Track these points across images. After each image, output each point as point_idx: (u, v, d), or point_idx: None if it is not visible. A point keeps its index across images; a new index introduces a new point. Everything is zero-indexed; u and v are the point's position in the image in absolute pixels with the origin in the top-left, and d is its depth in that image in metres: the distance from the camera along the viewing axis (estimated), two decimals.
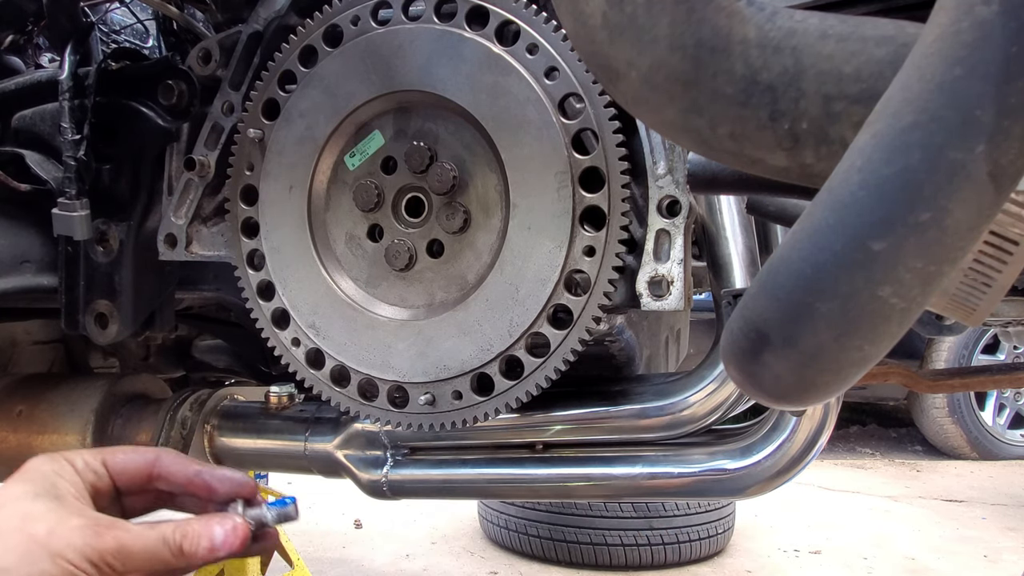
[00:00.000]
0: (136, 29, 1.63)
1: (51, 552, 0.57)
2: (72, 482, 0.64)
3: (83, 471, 0.65)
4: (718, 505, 2.82)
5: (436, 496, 1.12)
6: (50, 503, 0.60)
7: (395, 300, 0.88)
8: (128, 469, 0.68)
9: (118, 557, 0.60)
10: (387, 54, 0.84)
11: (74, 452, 0.67)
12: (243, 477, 0.71)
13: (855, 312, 0.39)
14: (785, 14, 0.46)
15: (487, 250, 0.83)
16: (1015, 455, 4.62)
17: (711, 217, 1.00)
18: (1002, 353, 4.50)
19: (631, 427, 0.98)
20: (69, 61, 1.06)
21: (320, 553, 2.90)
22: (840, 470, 4.40)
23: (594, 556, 2.71)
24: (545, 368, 0.82)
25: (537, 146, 0.79)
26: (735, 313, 0.45)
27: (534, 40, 0.80)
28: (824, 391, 0.43)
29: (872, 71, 0.43)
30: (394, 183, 0.86)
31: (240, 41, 0.97)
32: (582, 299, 0.80)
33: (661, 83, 0.48)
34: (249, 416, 1.24)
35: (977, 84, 0.35)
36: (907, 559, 2.97)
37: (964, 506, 3.70)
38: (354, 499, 3.09)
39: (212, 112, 0.98)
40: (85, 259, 1.10)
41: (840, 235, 0.38)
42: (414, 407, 0.86)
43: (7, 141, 1.16)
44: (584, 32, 0.52)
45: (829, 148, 0.44)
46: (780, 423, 0.96)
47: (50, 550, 0.57)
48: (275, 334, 0.91)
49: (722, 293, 0.98)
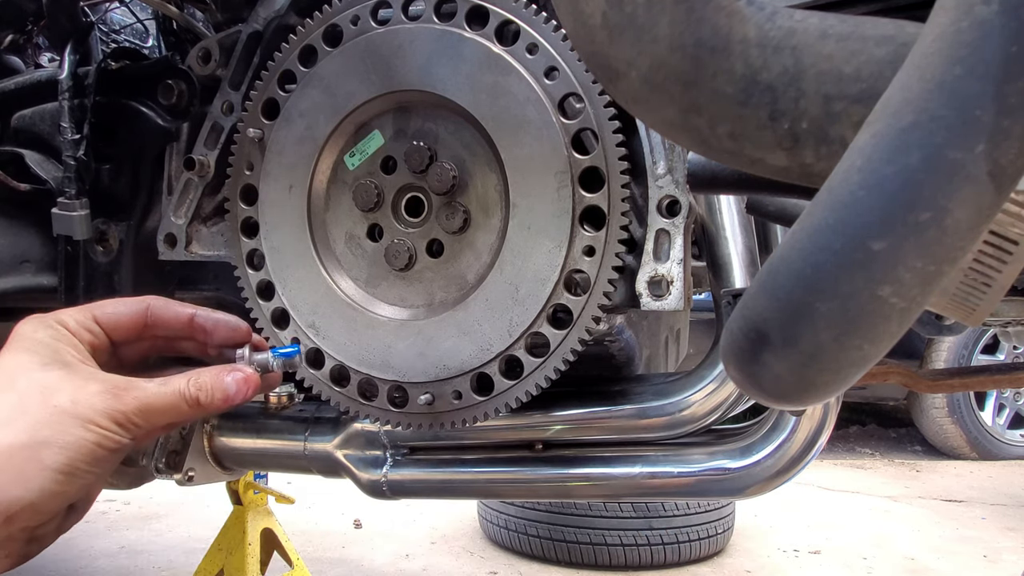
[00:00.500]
0: (136, 29, 1.63)
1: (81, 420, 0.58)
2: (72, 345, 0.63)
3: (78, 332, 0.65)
4: (718, 505, 2.82)
5: (436, 496, 1.12)
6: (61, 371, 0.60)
7: (395, 300, 0.88)
8: (121, 323, 0.67)
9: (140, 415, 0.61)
10: (387, 54, 0.84)
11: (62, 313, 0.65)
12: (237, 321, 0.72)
13: (855, 312, 0.39)
14: (785, 14, 0.46)
15: (487, 250, 0.83)
16: (1015, 455, 4.63)
17: (711, 217, 1.00)
18: (1002, 353, 4.51)
19: (631, 427, 0.98)
20: (69, 61, 1.07)
21: (320, 553, 2.90)
22: (840, 470, 4.40)
23: (594, 556, 2.71)
24: (545, 368, 0.82)
25: (537, 146, 0.79)
26: (735, 313, 0.45)
27: (534, 40, 0.80)
28: (824, 391, 0.43)
29: (872, 71, 0.43)
30: (394, 183, 0.86)
31: (240, 41, 0.97)
32: (582, 299, 0.80)
33: (661, 83, 0.48)
34: (248, 416, 1.24)
35: (977, 84, 0.35)
36: (907, 559, 2.97)
37: (964, 506, 3.70)
38: (354, 499, 3.10)
39: (212, 112, 0.98)
40: (85, 259, 1.10)
41: (840, 235, 0.38)
42: (414, 407, 0.86)
43: (7, 141, 1.16)
44: (584, 32, 0.52)
45: (829, 148, 0.44)
46: (780, 423, 0.96)
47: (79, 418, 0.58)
48: (275, 334, 0.91)
49: (722, 293, 0.98)
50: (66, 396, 0.59)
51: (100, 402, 0.60)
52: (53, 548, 2.55)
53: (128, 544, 2.99)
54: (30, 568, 2.71)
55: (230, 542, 2.17)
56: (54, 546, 2.40)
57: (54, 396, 0.59)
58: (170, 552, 2.91)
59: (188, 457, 1.22)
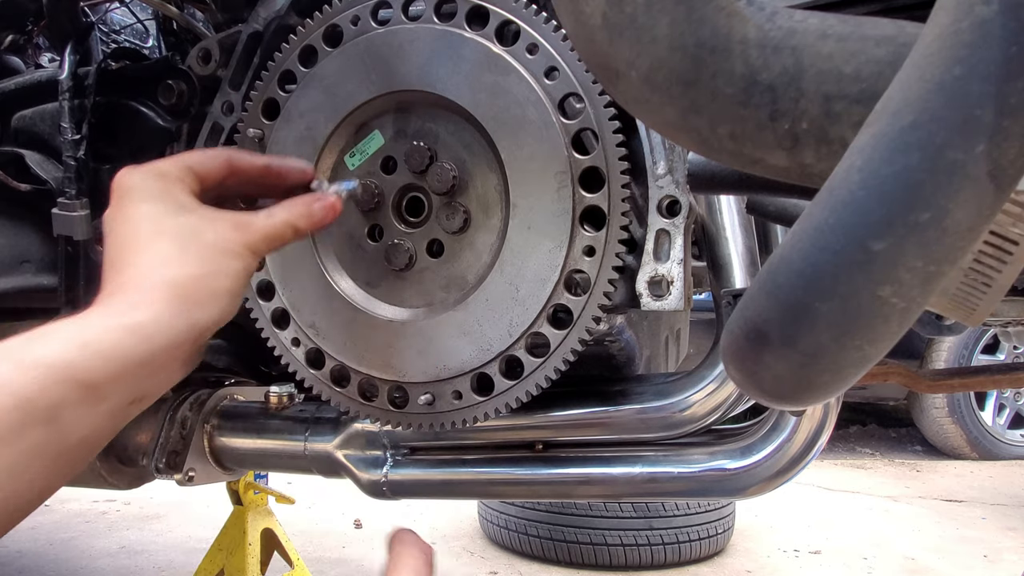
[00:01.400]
0: (136, 29, 1.63)
1: (230, 252, 0.66)
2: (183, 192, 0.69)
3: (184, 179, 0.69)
4: (718, 505, 2.82)
5: (436, 496, 1.12)
6: (192, 215, 0.67)
7: (395, 300, 0.88)
8: (210, 172, 0.72)
9: (264, 244, 0.70)
10: (387, 54, 0.84)
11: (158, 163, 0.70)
12: (303, 162, 0.79)
13: (855, 312, 0.39)
14: (785, 14, 0.46)
15: (487, 250, 0.83)
16: (1015, 455, 4.62)
17: (711, 217, 1.00)
18: (1002, 353, 4.51)
19: (631, 427, 0.98)
20: (69, 61, 1.07)
21: (320, 553, 2.90)
22: (840, 470, 4.40)
23: (594, 556, 2.71)
24: (545, 368, 0.82)
25: (537, 146, 0.79)
26: (735, 313, 0.45)
27: (534, 40, 0.80)
28: (824, 391, 0.43)
29: (872, 71, 0.43)
30: (394, 183, 0.86)
31: (240, 41, 0.97)
32: (582, 299, 0.80)
33: (661, 83, 0.48)
34: (249, 416, 1.24)
35: (977, 84, 0.35)
36: (907, 559, 2.97)
37: (964, 506, 3.70)
38: (354, 499, 3.10)
39: (212, 112, 0.98)
40: (85, 259, 1.10)
41: (840, 235, 0.38)
42: (414, 407, 0.86)
43: (7, 141, 1.16)
44: (584, 32, 0.52)
45: (829, 148, 0.44)
46: (780, 423, 0.96)
47: (228, 251, 0.66)
48: (275, 334, 0.91)
49: (722, 293, 0.98)
50: (210, 234, 0.66)
51: (235, 235, 0.67)
52: (53, 548, 2.55)
53: (128, 544, 2.99)
54: (30, 568, 2.71)
55: (230, 542, 2.17)
56: (54, 546, 2.41)
57: (201, 235, 0.66)
58: (170, 552, 2.91)
59: (188, 457, 1.22)
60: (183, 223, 0.66)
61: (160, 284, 0.61)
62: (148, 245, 0.64)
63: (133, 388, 0.58)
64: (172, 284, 0.62)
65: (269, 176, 0.76)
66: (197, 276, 0.63)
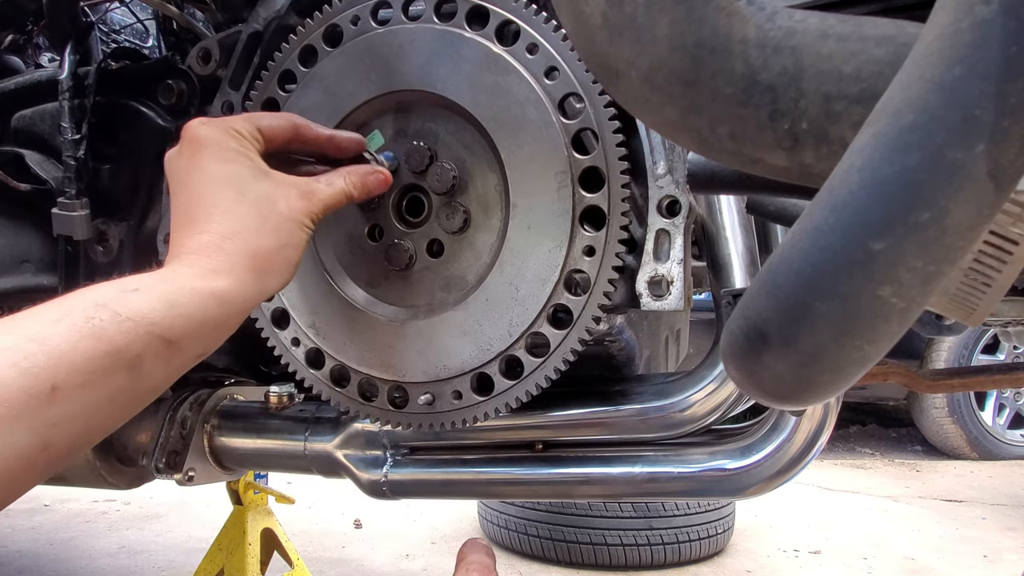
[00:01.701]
0: (136, 29, 1.63)
1: (297, 222, 0.70)
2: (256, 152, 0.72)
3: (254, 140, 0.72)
4: (718, 505, 2.82)
5: (436, 496, 1.12)
6: (267, 180, 0.70)
7: (395, 300, 0.88)
8: (276, 135, 0.74)
9: (322, 212, 0.73)
10: (387, 54, 0.84)
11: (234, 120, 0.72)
12: (359, 137, 0.82)
13: (855, 312, 0.39)
14: (785, 14, 0.46)
15: (487, 250, 0.83)
16: (1015, 455, 4.62)
17: (711, 217, 1.00)
18: (1002, 353, 4.50)
19: (631, 427, 0.98)
20: (69, 61, 1.07)
21: (320, 553, 2.90)
22: (840, 470, 4.40)
23: (594, 556, 2.71)
24: (545, 368, 0.82)
25: (537, 146, 0.79)
26: (735, 313, 0.45)
27: (534, 40, 0.80)
28: (824, 391, 0.43)
29: (872, 71, 0.43)
30: (394, 183, 0.86)
31: (240, 41, 0.96)
32: (582, 299, 0.80)
33: (661, 83, 0.48)
34: (249, 416, 1.24)
35: (977, 84, 0.35)
36: (907, 559, 2.97)
37: (964, 506, 3.70)
38: (354, 499, 3.10)
39: (212, 112, 0.98)
40: (85, 259, 1.10)
41: (840, 235, 0.38)
42: (414, 407, 0.86)
43: (7, 141, 1.16)
44: (584, 32, 0.52)
45: (829, 148, 0.44)
46: (780, 423, 0.96)
47: (296, 221, 0.70)
48: (275, 334, 0.91)
49: (722, 293, 0.98)
50: (283, 203, 0.70)
51: (302, 205, 0.71)
52: (53, 548, 2.55)
53: (128, 544, 2.99)
54: (30, 568, 2.71)
55: (230, 542, 2.17)
56: (54, 546, 2.41)
57: (276, 204, 0.69)
58: (170, 552, 2.91)
59: (188, 457, 1.22)
60: (261, 189, 0.69)
61: (242, 253, 0.66)
62: (231, 209, 0.67)
63: (204, 345, 0.64)
64: (253, 255, 0.67)
65: (330, 148, 0.79)
66: (274, 248, 0.68)
